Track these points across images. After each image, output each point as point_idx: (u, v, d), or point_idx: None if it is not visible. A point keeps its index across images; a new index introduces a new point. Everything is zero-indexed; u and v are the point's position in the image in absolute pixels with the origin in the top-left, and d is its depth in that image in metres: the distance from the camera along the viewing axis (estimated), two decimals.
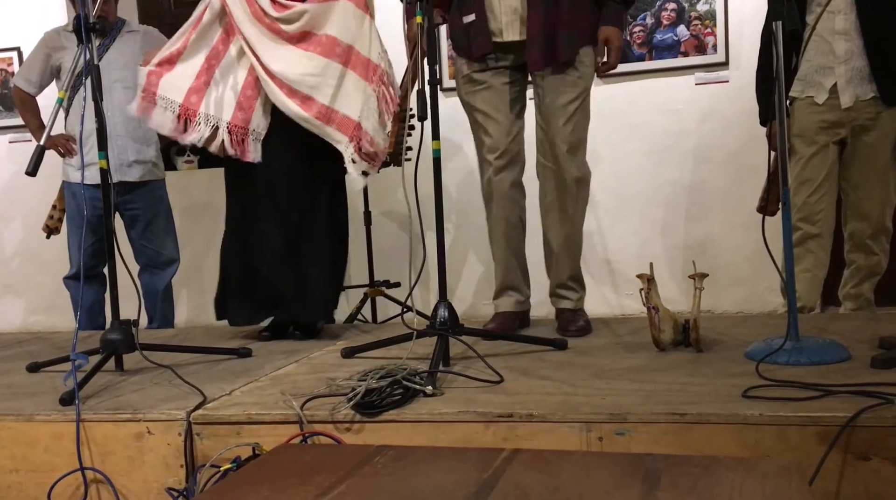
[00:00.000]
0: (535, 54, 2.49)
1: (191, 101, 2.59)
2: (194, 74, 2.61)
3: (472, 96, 2.62)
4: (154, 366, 2.23)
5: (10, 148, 4.91)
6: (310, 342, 2.68)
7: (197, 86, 2.61)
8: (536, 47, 2.48)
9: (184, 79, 2.60)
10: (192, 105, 2.59)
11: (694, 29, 4.17)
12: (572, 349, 2.31)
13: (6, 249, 5.05)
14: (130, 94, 3.50)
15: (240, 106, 2.63)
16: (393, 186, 3.83)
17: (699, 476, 1.23)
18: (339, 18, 2.60)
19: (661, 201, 4.30)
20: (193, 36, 2.64)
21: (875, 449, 1.49)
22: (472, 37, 2.56)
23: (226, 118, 2.61)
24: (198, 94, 2.61)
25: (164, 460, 1.80)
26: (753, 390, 1.70)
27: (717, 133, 4.20)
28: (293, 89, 2.57)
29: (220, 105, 2.62)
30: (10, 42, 4.85)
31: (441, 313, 2.14)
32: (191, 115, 2.58)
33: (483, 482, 1.25)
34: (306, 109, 2.57)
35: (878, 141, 2.90)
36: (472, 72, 2.62)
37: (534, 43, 2.48)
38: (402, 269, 4.45)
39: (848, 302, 3.07)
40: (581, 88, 2.53)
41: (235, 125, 2.61)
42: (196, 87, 2.61)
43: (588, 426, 1.63)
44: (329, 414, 1.76)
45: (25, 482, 1.85)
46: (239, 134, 2.61)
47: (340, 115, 2.59)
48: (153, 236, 3.69)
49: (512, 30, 2.51)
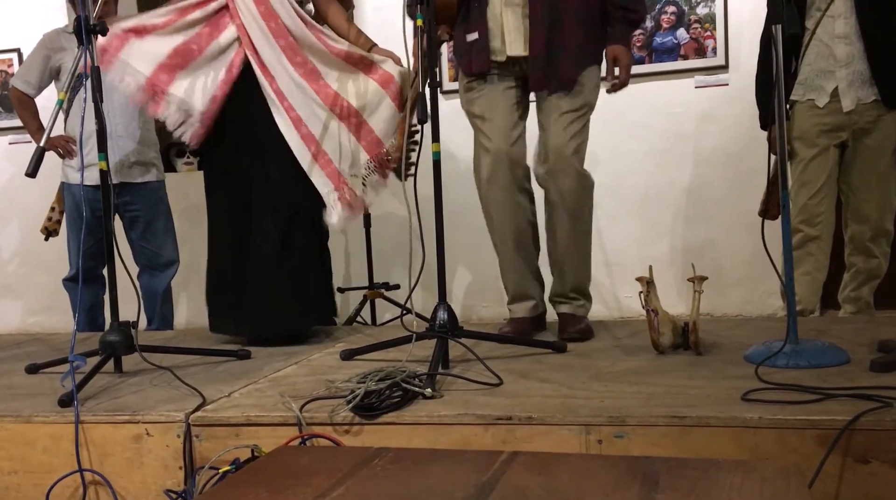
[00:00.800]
0: (537, 74, 2.49)
1: (160, 78, 2.58)
2: (167, 52, 2.60)
3: (471, 104, 2.62)
4: (153, 368, 2.23)
5: (10, 149, 4.91)
6: (309, 345, 2.68)
7: (168, 64, 2.60)
8: (538, 67, 2.48)
9: (154, 53, 2.59)
10: (161, 83, 2.58)
11: (693, 32, 4.18)
12: (571, 352, 2.30)
13: (5, 250, 5.05)
14: None
15: (214, 99, 2.64)
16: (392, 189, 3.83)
17: (698, 479, 1.23)
18: (357, 86, 2.72)
19: (660, 204, 4.31)
20: (177, 22, 2.63)
21: (874, 452, 1.49)
22: (474, 54, 2.57)
23: (199, 108, 2.63)
24: (168, 73, 2.59)
25: (162, 461, 1.80)
26: (753, 393, 1.70)
27: (716, 136, 4.21)
28: (300, 119, 2.65)
29: (193, 93, 2.63)
30: (9, 44, 4.85)
31: (440, 316, 2.14)
32: (158, 92, 2.58)
33: (482, 485, 1.25)
34: (307, 143, 2.65)
35: (879, 144, 2.91)
36: (471, 81, 2.62)
37: (536, 62, 2.48)
38: (402, 271, 4.46)
39: (847, 305, 3.07)
40: (581, 102, 2.52)
41: (209, 118, 2.63)
42: (167, 65, 2.59)
43: (587, 429, 1.63)
44: (328, 416, 1.76)
45: (24, 484, 1.85)
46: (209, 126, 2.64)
47: (333, 166, 2.69)
48: (153, 238, 3.68)
49: (515, 45, 2.51)
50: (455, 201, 2.92)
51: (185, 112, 2.62)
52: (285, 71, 2.67)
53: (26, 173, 2.13)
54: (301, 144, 2.66)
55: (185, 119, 2.62)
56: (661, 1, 4.19)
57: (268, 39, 2.65)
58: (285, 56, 2.67)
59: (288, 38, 2.67)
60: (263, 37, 2.65)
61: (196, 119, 2.63)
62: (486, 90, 2.58)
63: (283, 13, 2.67)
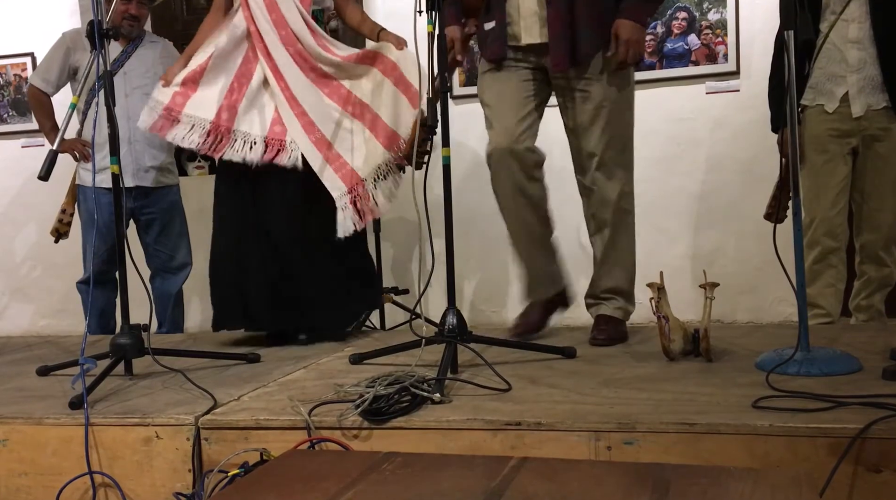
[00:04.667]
0: (558, 55, 2.45)
1: (222, 118, 2.70)
2: (223, 94, 2.72)
3: (483, 92, 2.62)
4: (163, 371, 2.23)
5: (23, 153, 4.94)
6: (318, 348, 2.68)
7: (228, 104, 2.71)
8: (559, 48, 2.44)
9: (212, 98, 2.71)
10: (225, 122, 2.70)
11: (705, 38, 4.17)
12: (581, 358, 2.30)
13: (18, 252, 5.07)
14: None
15: (276, 121, 2.72)
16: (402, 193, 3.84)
17: (708, 486, 1.22)
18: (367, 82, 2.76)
19: (671, 210, 4.29)
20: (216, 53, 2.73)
21: (886, 461, 1.48)
22: (490, 42, 2.56)
23: (261, 134, 2.71)
24: (229, 111, 2.71)
25: (171, 464, 1.80)
26: (763, 401, 1.69)
27: (727, 142, 4.19)
28: (313, 123, 2.69)
29: (253, 124, 2.73)
30: (23, 48, 4.89)
31: (449, 320, 2.14)
32: (224, 131, 2.69)
33: (491, 490, 1.25)
34: (318, 147, 2.69)
35: (891, 152, 2.89)
36: (489, 70, 2.60)
37: (556, 43, 2.45)
38: (411, 275, 4.46)
39: (859, 313, 3.05)
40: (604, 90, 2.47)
41: (273, 139, 2.71)
42: (227, 104, 2.71)
43: (597, 435, 1.62)
44: (337, 420, 1.76)
45: (34, 486, 1.86)
46: (275, 146, 2.71)
47: (349, 167, 2.73)
48: (167, 241, 3.71)
49: (531, 33, 2.49)
50: (466, 206, 2.92)
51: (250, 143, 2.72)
52: (298, 76, 2.70)
53: (39, 176, 2.15)
54: (312, 149, 2.69)
55: (251, 147, 2.72)
56: (673, 7, 4.18)
57: (281, 47, 2.70)
58: (295, 62, 2.71)
59: (297, 46, 2.73)
60: (278, 43, 2.69)
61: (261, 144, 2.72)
62: (499, 78, 2.57)
63: (293, 21, 2.71)
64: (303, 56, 2.72)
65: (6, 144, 4.98)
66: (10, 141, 4.98)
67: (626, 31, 2.41)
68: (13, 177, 4.94)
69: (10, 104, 4.96)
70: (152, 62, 3.58)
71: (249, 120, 2.71)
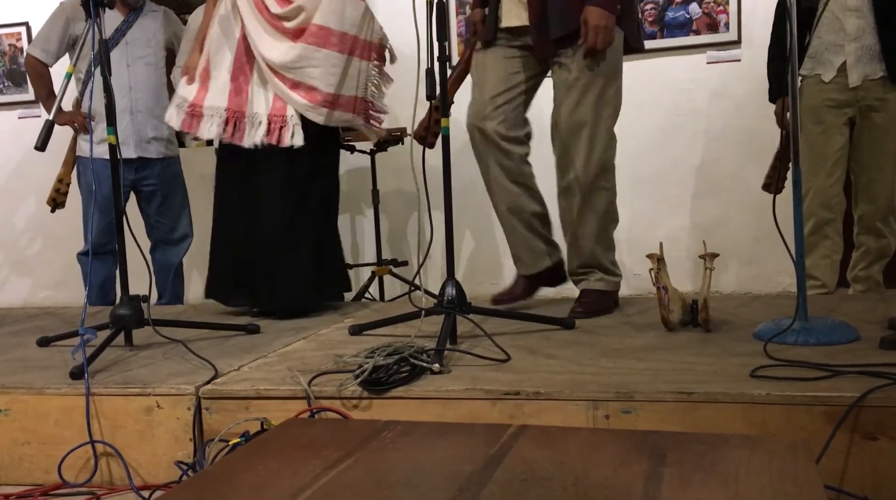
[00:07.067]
0: (540, 41, 2.49)
1: (235, 103, 2.68)
2: (229, 78, 2.69)
3: (474, 69, 2.67)
4: (163, 341, 2.24)
5: (20, 124, 4.91)
6: (318, 319, 2.69)
7: (236, 87, 2.69)
8: (539, 34, 2.48)
9: (223, 86, 2.69)
10: (238, 107, 2.68)
11: (706, 7, 4.13)
12: (580, 328, 2.31)
13: (17, 224, 5.07)
14: (152, 70, 3.56)
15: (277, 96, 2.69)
16: (401, 166, 3.82)
17: (705, 453, 1.23)
18: (329, 10, 2.66)
19: (670, 181, 4.28)
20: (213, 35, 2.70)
21: (882, 429, 1.49)
22: (483, 25, 2.64)
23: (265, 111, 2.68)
24: (238, 95, 2.69)
25: (173, 433, 1.81)
26: (761, 370, 1.70)
27: (728, 112, 4.17)
28: (296, 82, 2.65)
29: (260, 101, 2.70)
30: (18, 17, 4.84)
31: (449, 292, 2.14)
32: (239, 117, 2.68)
33: (490, 457, 1.26)
34: (311, 100, 2.65)
35: (888, 122, 2.88)
36: (479, 50, 2.66)
37: (536, 29, 2.49)
38: (409, 247, 4.46)
39: (857, 284, 3.06)
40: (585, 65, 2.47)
41: (275, 115, 2.67)
42: (236, 88, 2.69)
43: (595, 405, 1.63)
44: (336, 390, 1.77)
45: (36, 455, 1.87)
46: (277, 122, 2.68)
47: (345, 97, 2.71)
48: (168, 212, 3.70)
49: (512, 15, 2.54)
50: (464, 178, 2.90)
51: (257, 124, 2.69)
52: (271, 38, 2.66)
53: (35, 147, 2.13)
54: (307, 105, 2.65)
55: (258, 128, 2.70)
56: None
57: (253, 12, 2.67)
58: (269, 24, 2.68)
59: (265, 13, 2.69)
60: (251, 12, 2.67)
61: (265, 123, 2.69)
62: (485, 57, 2.62)
63: None
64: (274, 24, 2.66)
65: (2, 115, 4.95)
66: (7, 112, 4.94)
67: (594, 17, 2.42)
68: (11, 148, 4.92)
69: (5, 75, 4.92)
70: (154, 31, 3.55)
71: (258, 100, 2.69)
